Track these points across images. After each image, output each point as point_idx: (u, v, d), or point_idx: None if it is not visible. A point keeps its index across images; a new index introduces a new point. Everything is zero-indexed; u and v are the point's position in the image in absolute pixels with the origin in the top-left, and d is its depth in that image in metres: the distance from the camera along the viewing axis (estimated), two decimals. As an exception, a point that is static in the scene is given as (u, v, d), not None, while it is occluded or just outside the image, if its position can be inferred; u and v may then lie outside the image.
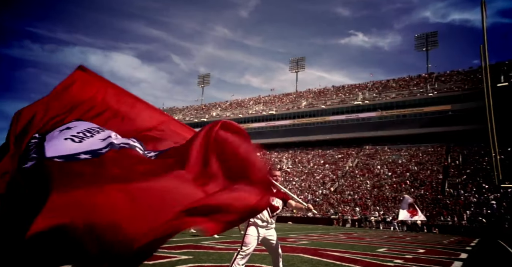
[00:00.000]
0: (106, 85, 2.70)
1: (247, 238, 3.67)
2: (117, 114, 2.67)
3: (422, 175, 36.40)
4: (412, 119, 44.35)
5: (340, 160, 45.55)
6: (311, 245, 9.08)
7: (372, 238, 13.50)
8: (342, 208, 34.25)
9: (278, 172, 4.20)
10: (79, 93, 2.62)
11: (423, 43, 55.69)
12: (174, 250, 6.66)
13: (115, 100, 2.68)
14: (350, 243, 10.44)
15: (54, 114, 2.51)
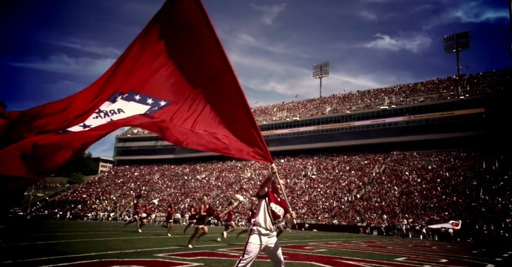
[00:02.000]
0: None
1: (249, 246, 3.70)
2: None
3: (454, 181, 34.78)
4: (442, 123, 42.62)
5: (367, 166, 44.47)
6: (328, 253, 8.98)
7: (395, 246, 13.08)
8: (369, 215, 33.33)
9: (283, 180, 4.12)
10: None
11: (453, 44, 53.63)
12: (188, 257, 6.84)
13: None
14: (369, 251, 10.21)
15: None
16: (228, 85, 3.32)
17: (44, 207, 51.19)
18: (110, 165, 79.84)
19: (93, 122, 3.06)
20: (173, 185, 53.45)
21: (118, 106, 3.24)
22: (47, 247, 7.93)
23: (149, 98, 3.34)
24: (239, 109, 3.36)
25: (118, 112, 3.21)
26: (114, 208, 47.25)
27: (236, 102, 3.36)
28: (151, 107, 3.33)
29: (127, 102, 3.29)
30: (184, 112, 3.39)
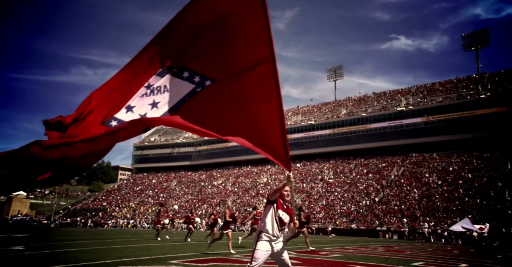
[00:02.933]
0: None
1: (256, 253, 3.72)
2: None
3: (477, 182, 33.63)
4: (463, 123, 41.40)
5: (385, 168, 43.63)
6: (343, 258, 8.87)
7: (414, 251, 12.75)
8: (388, 219, 32.61)
9: (287, 187, 4.13)
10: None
11: (471, 42, 52.27)
12: (201, 263, 6.91)
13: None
14: (386, 256, 10.00)
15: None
16: (267, 77, 3.14)
17: (67, 215, 52.60)
18: (128, 173, 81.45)
19: (138, 103, 3.08)
20: (190, 192, 53.94)
21: (164, 82, 3.19)
22: (66, 255, 8.18)
23: (197, 76, 3.23)
24: (272, 104, 3.17)
25: (163, 91, 3.15)
26: (133, 215, 48.05)
27: (270, 96, 3.17)
28: (195, 87, 3.22)
29: (174, 78, 3.21)
30: (218, 96, 3.24)
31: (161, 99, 3.11)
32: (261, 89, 3.18)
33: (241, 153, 56.67)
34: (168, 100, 3.13)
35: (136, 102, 3.09)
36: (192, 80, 3.20)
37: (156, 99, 3.11)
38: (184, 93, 3.17)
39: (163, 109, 3.12)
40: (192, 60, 3.20)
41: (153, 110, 3.09)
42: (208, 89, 3.21)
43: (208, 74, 3.21)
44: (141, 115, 3.07)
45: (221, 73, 3.21)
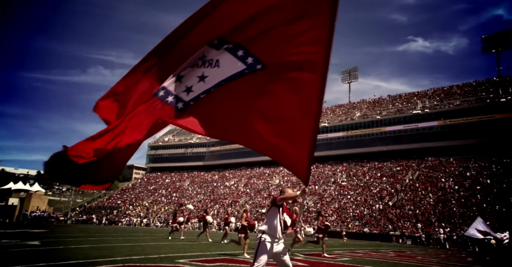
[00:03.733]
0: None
1: (259, 254, 3.77)
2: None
3: (496, 188, 32.63)
4: (481, 127, 40.26)
5: (399, 172, 42.87)
6: (351, 262, 8.79)
7: (425, 257, 12.49)
8: (402, 223, 32.02)
9: (291, 190, 4.18)
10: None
11: (492, 44, 50.84)
12: (208, 263, 6.99)
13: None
14: (395, 261, 9.85)
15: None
16: (312, 89, 2.88)
17: (83, 212, 53.84)
18: (143, 172, 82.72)
19: (187, 74, 2.98)
20: (203, 192, 54.35)
21: (217, 56, 2.99)
22: (79, 251, 8.40)
23: (251, 57, 2.99)
24: (309, 118, 2.93)
25: (214, 65, 2.99)
26: (146, 214, 48.76)
27: (309, 109, 2.92)
28: (246, 68, 2.99)
29: (228, 55, 2.99)
30: (261, 85, 3.03)
31: (210, 73, 2.98)
32: (302, 97, 2.95)
33: (254, 154, 56.66)
34: (215, 76, 2.98)
35: (186, 72, 2.98)
36: (245, 60, 2.99)
37: (205, 73, 2.98)
38: (232, 72, 3.00)
39: (208, 84, 2.99)
40: (249, 40, 2.94)
41: (199, 83, 2.98)
42: (256, 74, 3.02)
43: (261, 58, 2.98)
44: (187, 87, 2.96)
45: (273, 60, 2.97)
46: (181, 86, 2.97)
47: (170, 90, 2.95)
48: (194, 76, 2.97)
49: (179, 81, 2.97)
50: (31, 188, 43.59)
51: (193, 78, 2.98)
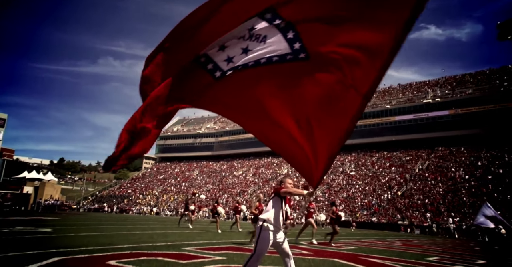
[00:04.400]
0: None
1: (260, 242, 3.82)
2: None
3: (509, 178, 32.15)
4: (494, 116, 39.43)
5: (408, 162, 42.54)
6: (357, 250, 8.84)
7: (432, 246, 12.48)
8: (410, 213, 31.95)
9: (290, 180, 4.22)
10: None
11: (507, 31, 49.11)
12: (213, 251, 7.10)
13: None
14: (400, 250, 9.87)
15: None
16: (351, 105, 2.62)
17: (94, 201, 55.06)
18: (152, 162, 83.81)
19: (232, 44, 2.79)
20: (212, 181, 54.92)
21: (266, 32, 2.72)
22: (89, 238, 8.62)
23: (299, 42, 2.70)
24: (340, 124, 2.72)
25: (260, 40, 2.75)
26: (156, 203, 49.62)
27: (344, 116, 2.69)
28: (288, 54, 2.75)
29: (278, 33, 2.71)
30: (294, 77, 2.80)
31: (253, 48, 2.77)
32: (337, 106, 2.71)
33: (262, 143, 56.39)
34: (258, 53, 2.78)
35: (231, 42, 2.78)
36: (292, 44, 2.72)
37: (249, 46, 2.77)
38: (276, 53, 2.77)
39: (249, 59, 2.81)
40: (303, 22, 2.63)
41: (241, 55, 2.81)
42: (296, 64, 2.77)
43: (308, 47, 2.70)
44: (229, 56, 2.82)
45: (320, 55, 2.67)
46: (223, 55, 2.83)
47: (211, 58, 2.85)
48: (238, 48, 2.80)
49: (222, 50, 2.82)
50: (45, 177, 44.66)
51: (236, 49, 2.81)
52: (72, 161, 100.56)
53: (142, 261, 5.24)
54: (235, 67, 2.85)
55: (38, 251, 5.77)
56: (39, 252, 5.71)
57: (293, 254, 7.01)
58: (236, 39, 2.76)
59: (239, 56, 2.81)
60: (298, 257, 6.84)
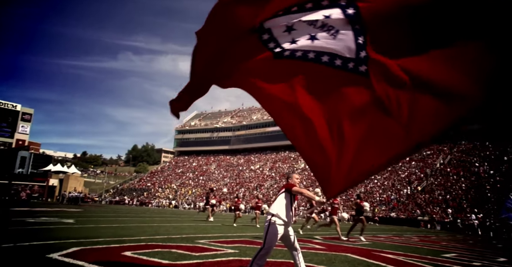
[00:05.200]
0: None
1: (269, 236, 3.88)
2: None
3: (537, 173, 30.84)
4: (521, 108, 37.70)
5: (429, 156, 41.46)
6: (371, 246, 8.75)
7: (451, 242, 12.18)
8: (431, 209, 31.23)
9: (298, 175, 4.35)
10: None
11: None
12: (227, 244, 7.20)
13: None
14: (417, 246, 9.69)
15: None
16: (407, 139, 2.33)
17: (115, 193, 56.71)
18: (171, 156, 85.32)
19: (300, 27, 2.58)
20: (229, 175, 55.40)
21: (342, 27, 2.47)
22: (108, 230, 8.93)
23: (365, 52, 2.41)
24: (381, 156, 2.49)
25: (331, 34, 2.49)
26: (175, 196, 50.59)
27: (389, 148, 2.44)
28: (350, 61, 2.50)
29: (351, 34, 2.45)
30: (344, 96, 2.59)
31: (321, 38, 2.53)
32: (380, 143, 2.47)
33: (279, 138, 56.76)
34: (323, 46, 2.54)
35: (301, 26, 2.56)
36: (359, 51, 2.40)
37: (317, 36, 2.54)
38: (339, 53, 2.50)
39: (312, 48, 2.58)
40: (378, 29, 2.29)
41: (307, 41, 2.59)
42: (353, 76, 2.49)
43: (371, 63, 2.36)
44: (293, 39, 2.63)
45: (381, 77, 2.34)
46: (288, 37, 2.66)
47: (275, 37, 2.67)
48: (306, 33, 2.59)
49: (288, 32, 2.63)
50: (69, 170, 46.34)
51: (304, 34, 2.60)
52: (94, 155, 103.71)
53: (156, 253, 5.39)
54: (295, 50, 2.68)
55: (59, 241, 6.03)
56: (60, 242, 5.96)
57: (306, 249, 7.05)
58: (307, 24, 2.54)
59: (304, 42, 2.61)
60: (310, 251, 6.85)
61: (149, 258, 4.92)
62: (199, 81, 2.88)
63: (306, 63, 2.67)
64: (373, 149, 2.49)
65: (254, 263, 3.73)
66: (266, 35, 2.72)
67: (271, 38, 2.71)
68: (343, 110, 2.63)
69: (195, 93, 2.98)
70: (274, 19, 2.62)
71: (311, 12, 2.51)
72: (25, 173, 43.63)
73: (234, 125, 66.07)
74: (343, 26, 2.44)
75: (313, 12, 2.50)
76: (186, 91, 2.93)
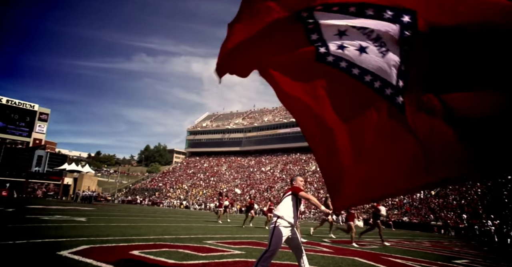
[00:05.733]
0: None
1: (275, 238, 3.90)
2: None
3: (556, 179, 29.86)
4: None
5: (444, 160, 40.61)
6: (381, 250, 8.64)
7: (463, 248, 11.90)
8: (445, 214, 30.58)
9: (302, 178, 4.38)
10: None
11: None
12: (234, 245, 7.23)
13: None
14: (427, 251, 9.50)
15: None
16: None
17: (128, 193, 57.51)
18: (182, 156, 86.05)
19: (352, 33, 2.35)
20: (239, 176, 55.50)
21: (391, 44, 2.25)
22: (118, 229, 9.07)
23: (405, 82, 2.23)
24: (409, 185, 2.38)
25: (380, 51, 2.31)
26: (186, 197, 50.96)
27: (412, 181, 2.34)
28: (390, 87, 2.31)
29: (397, 54, 2.24)
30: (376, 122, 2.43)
31: (370, 52, 2.32)
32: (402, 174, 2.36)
33: (290, 140, 56.67)
34: (367, 63, 2.34)
35: (352, 32, 2.35)
36: (399, 78, 2.24)
37: (368, 49, 2.33)
38: (381, 75, 2.32)
39: (357, 60, 2.39)
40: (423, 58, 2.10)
41: (353, 52, 2.38)
42: (387, 105, 2.34)
43: (407, 98, 2.21)
44: (342, 45, 2.41)
45: (416, 114, 2.19)
46: (336, 40, 2.42)
47: (322, 34, 2.45)
48: (357, 42, 2.35)
49: (339, 36, 2.40)
50: (83, 169, 47.29)
51: (354, 43, 2.37)
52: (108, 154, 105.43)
53: (163, 252, 5.46)
54: (339, 61, 2.46)
55: (70, 239, 6.17)
56: (71, 240, 6.10)
57: (314, 251, 7.02)
58: (361, 32, 2.30)
59: (352, 51, 2.38)
60: (318, 254, 6.82)
61: (156, 257, 4.98)
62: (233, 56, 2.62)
63: (347, 77, 2.47)
64: (388, 177, 2.41)
65: (259, 265, 3.75)
66: (314, 33, 2.47)
67: (318, 35, 2.47)
68: (368, 130, 2.50)
69: (228, 66, 2.71)
70: (324, 13, 2.36)
71: (361, 18, 2.27)
72: (42, 171, 44.78)
73: (245, 127, 66.24)
74: (392, 46, 2.23)
75: (366, 19, 2.25)
76: (222, 58, 2.65)
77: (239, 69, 2.79)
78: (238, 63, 2.71)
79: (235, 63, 2.70)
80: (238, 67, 2.77)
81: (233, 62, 2.67)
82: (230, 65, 2.70)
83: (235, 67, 2.76)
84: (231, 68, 2.74)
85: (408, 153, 2.26)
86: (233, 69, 2.76)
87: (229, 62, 2.66)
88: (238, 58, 2.64)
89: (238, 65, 2.75)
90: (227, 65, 2.67)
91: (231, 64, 2.68)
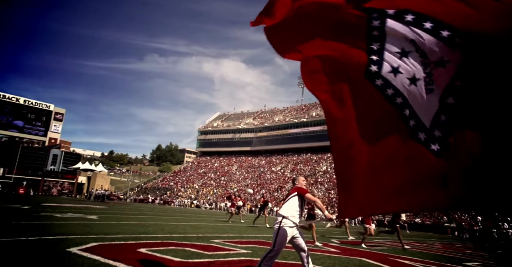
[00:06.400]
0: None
1: (279, 237, 3.94)
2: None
3: None
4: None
5: (458, 161, 39.79)
6: (389, 251, 8.55)
7: (476, 251, 11.65)
8: (458, 215, 29.98)
9: (303, 177, 4.46)
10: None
11: None
12: (240, 244, 7.27)
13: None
14: (438, 253, 9.35)
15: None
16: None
17: (140, 192, 58.28)
18: (193, 156, 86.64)
19: (414, 58, 2.13)
20: (250, 176, 55.58)
21: (436, 72, 2.04)
22: (127, 227, 9.23)
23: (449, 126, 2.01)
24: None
25: (428, 84, 2.08)
26: (196, 196, 51.34)
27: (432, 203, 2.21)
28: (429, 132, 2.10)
29: (439, 94, 2.02)
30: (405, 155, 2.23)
31: (419, 85, 2.11)
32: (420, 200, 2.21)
33: (301, 140, 56.46)
34: (412, 95, 2.15)
35: (415, 57, 2.12)
36: (433, 130, 2.07)
37: (418, 82, 2.12)
38: (414, 106, 2.14)
39: (405, 90, 2.17)
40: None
41: (405, 80, 2.17)
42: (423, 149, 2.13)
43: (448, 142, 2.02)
44: (397, 68, 2.19)
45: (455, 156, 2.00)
46: (394, 60, 2.20)
47: (384, 48, 2.22)
48: (412, 68, 2.13)
49: (400, 56, 2.18)
50: (96, 168, 48.18)
51: (409, 70, 2.14)
52: (120, 154, 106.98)
53: (170, 251, 5.53)
54: (387, 87, 2.24)
55: (80, 236, 6.32)
56: (81, 237, 6.24)
57: (320, 251, 6.99)
58: (421, 61, 2.09)
59: (403, 79, 2.16)
60: (324, 254, 6.80)
61: (162, 255, 5.06)
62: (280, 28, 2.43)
63: (387, 104, 2.27)
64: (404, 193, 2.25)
65: (263, 264, 3.78)
66: (377, 42, 2.23)
67: (380, 46, 2.23)
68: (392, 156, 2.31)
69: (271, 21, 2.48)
70: (397, 23, 2.12)
71: (425, 34, 2.02)
72: (56, 170, 45.81)
73: (256, 127, 66.30)
74: (438, 88, 2.00)
75: (428, 36, 1.99)
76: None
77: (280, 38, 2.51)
78: (283, 27, 2.44)
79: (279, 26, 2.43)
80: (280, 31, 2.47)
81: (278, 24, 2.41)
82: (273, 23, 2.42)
83: (277, 31, 2.47)
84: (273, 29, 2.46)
85: (428, 171, 2.11)
86: (275, 31, 2.48)
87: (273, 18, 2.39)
88: (285, 22, 2.40)
89: (281, 29, 2.46)
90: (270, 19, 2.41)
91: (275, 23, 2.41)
